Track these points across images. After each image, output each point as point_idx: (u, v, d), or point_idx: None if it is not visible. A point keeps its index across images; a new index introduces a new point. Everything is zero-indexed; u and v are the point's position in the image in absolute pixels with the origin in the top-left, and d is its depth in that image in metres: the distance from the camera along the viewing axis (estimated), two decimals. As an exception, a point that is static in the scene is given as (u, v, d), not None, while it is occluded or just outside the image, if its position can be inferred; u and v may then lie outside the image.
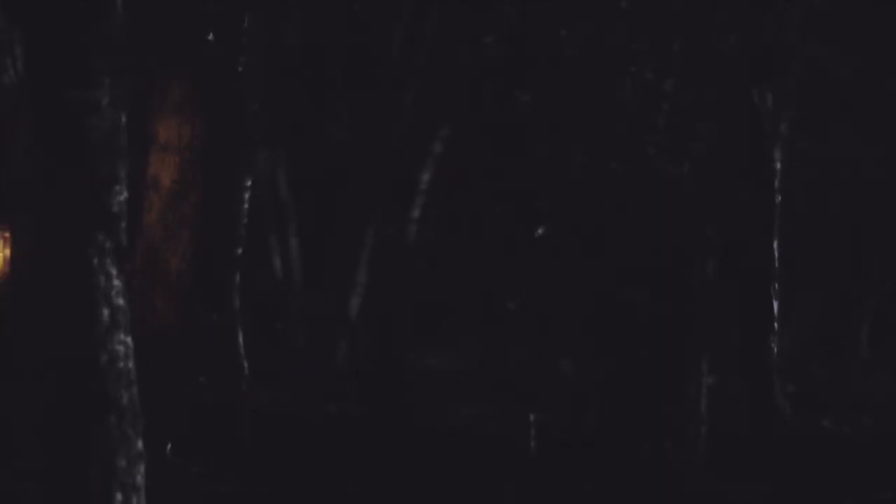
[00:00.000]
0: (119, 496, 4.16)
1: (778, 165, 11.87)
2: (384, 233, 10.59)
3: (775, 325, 4.71)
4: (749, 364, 11.48)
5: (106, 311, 4.18)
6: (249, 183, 7.16)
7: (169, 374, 7.12)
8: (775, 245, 4.76)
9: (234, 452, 7.25)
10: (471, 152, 11.15)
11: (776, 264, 4.84)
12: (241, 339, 7.21)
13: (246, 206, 7.10)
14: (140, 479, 4.24)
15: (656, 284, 9.27)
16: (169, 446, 6.42)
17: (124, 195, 4.28)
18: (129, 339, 4.25)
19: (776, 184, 4.84)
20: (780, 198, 11.37)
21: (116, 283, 4.21)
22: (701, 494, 8.81)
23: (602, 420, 9.94)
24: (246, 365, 7.43)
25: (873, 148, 12.91)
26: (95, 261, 4.17)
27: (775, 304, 4.88)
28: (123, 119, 4.30)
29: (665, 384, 9.75)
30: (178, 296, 8.24)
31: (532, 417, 8.16)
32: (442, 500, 8.00)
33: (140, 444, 4.27)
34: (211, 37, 6.08)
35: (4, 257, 6.60)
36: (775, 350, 8.65)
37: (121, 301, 4.22)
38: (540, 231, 8.31)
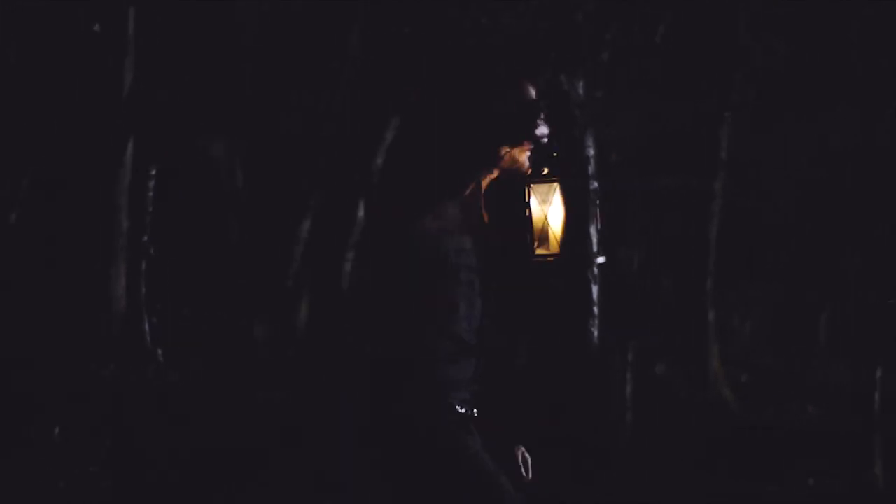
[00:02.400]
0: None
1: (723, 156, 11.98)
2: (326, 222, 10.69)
3: (595, 310, 4.78)
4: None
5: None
6: (154, 171, 7.25)
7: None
8: (593, 231, 4.84)
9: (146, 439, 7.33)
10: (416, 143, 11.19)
11: (596, 249, 4.94)
12: (147, 326, 7.29)
13: (151, 193, 7.20)
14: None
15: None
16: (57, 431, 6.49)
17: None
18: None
19: (591, 170, 4.90)
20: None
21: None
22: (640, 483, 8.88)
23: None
24: (159, 352, 7.51)
25: (828, 143, 12.93)
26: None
27: (594, 289, 4.96)
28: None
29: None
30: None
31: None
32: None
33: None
34: (97, 27, 6.15)
35: None
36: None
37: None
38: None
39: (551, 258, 3.45)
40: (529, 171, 3.43)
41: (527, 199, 3.48)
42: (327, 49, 11.23)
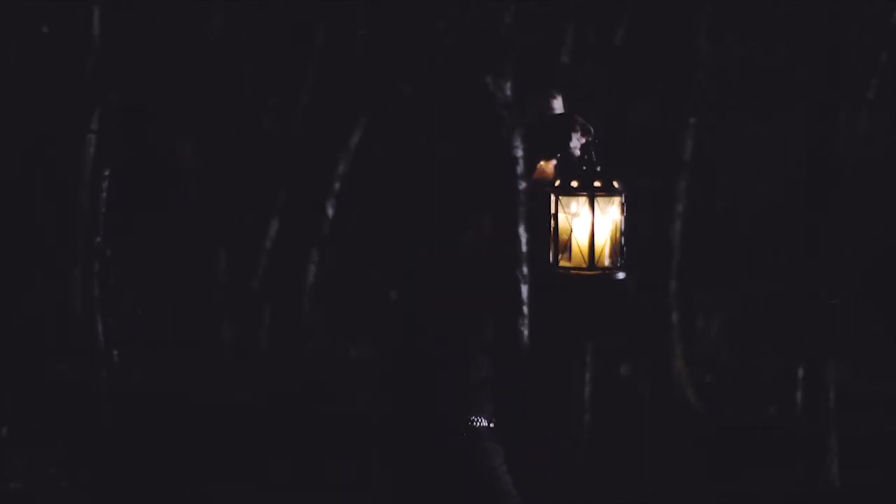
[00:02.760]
0: None
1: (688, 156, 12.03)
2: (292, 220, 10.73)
3: (525, 309, 4.72)
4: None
5: None
6: (108, 172, 7.27)
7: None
8: (521, 230, 4.78)
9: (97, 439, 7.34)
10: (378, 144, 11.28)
11: (524, 248, 4.88)
12: (100, 326, 7.28)
13: (104, 194, 7.22)
14: None
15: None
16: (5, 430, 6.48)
17: None
18: None
19: (518, 171, 4.86)
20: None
21: None
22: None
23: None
24: (115, 352, 7.50)
25: (793, 146, 12.97)
26: None
27: (524, 289, 4.93)
28: None
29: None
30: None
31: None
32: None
33: None
34: (45, 29, 6.13)
35: None
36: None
37: None
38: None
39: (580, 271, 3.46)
40: (557, 182, 3.45)
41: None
42: (299, 49, 11.25)
